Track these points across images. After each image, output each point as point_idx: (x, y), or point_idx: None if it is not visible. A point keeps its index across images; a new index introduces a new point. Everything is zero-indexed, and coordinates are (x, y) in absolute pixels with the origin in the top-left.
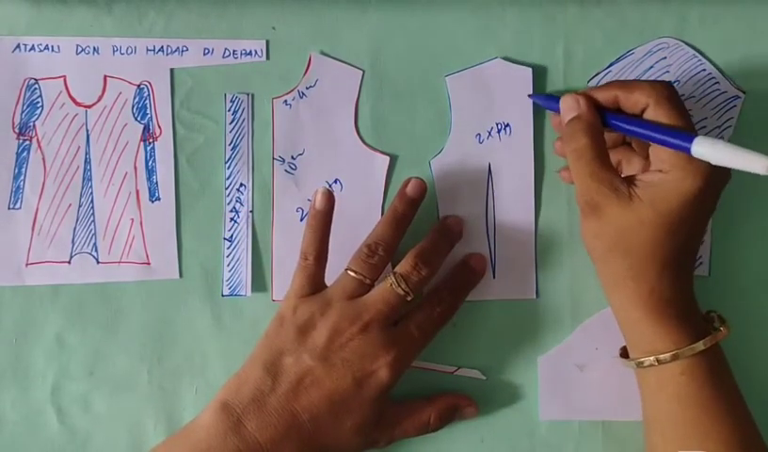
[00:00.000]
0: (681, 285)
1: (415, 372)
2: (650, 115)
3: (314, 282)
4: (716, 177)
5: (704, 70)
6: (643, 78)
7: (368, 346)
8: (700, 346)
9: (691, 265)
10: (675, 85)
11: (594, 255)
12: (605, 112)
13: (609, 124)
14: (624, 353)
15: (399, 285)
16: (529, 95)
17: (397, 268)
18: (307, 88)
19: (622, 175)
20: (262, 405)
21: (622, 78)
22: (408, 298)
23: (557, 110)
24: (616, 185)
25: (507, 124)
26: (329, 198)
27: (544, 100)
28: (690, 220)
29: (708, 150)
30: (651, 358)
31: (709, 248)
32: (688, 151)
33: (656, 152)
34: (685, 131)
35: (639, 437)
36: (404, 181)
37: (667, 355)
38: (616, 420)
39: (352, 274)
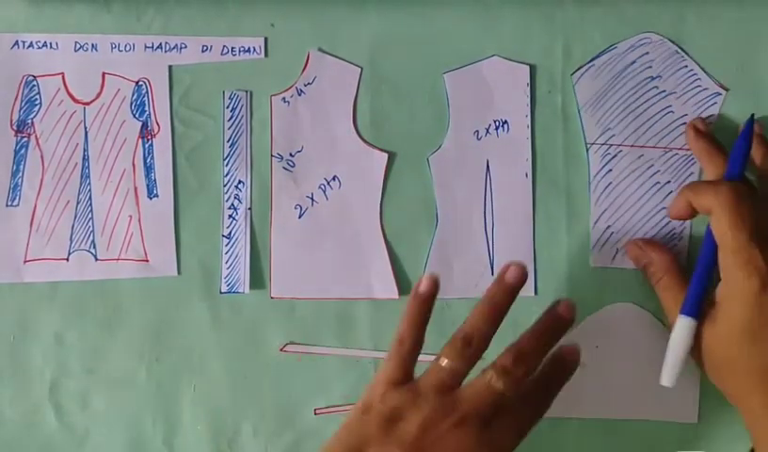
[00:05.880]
0: None
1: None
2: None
3: (406, 371)
4: None
5: (686, 66)
6: (624, 73)
7: (462, 443)
8: None
9: None
10: (657, 80)
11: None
12: None
13: None
14: None
15: (499, 381)
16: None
17: (497, 361)
18: (305, 86)
19: None
20: None
21: (606, 71)
22: (506, 395)
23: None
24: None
25: (505, 121)
26: (434, 283)
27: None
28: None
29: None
30: None
31: None
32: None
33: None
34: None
35: (639, 436)
36: (503, 265)
37: None
38: (616, 418)
39: (445, 365)
